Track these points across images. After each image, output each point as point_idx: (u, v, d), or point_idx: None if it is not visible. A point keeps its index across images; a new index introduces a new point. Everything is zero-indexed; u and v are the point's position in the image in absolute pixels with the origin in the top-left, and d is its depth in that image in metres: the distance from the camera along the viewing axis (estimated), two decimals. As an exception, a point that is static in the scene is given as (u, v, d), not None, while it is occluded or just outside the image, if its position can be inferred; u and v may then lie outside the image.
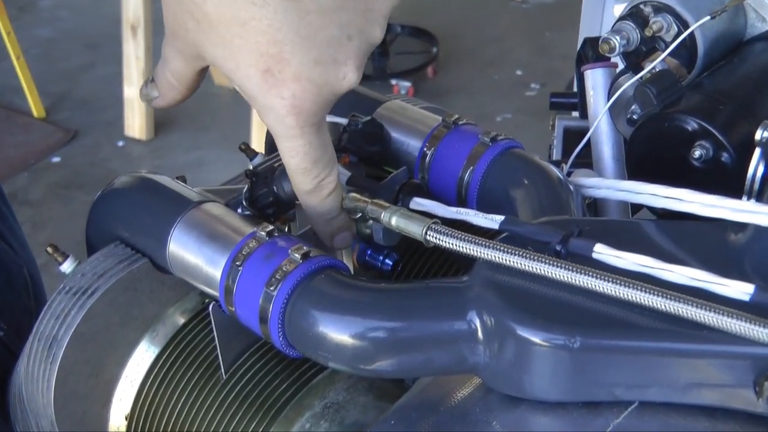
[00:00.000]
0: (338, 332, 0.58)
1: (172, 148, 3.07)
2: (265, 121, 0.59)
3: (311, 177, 0.62)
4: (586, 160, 0.83)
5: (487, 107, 3.23)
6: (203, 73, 0.63)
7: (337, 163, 0.64)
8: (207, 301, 0.71)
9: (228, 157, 2.90)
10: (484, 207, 0.69)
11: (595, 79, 0.83)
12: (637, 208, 0.80)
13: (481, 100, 3.29)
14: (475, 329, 0.56)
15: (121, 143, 3.10)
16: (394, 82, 3.33)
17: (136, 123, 3.10)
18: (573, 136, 1.06)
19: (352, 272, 0.67)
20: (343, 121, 0.72)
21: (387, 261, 0.69)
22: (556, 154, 1.06)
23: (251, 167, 0.72)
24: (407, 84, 3.31)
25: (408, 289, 0.60)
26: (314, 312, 0.58)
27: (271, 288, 0.59)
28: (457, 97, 3.32)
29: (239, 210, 0.69)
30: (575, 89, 0.98)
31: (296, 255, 0.60)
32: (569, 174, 0.75)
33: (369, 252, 0.70)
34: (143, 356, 0.70)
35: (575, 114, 1.17)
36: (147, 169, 3.13)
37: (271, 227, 0.63)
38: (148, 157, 3.06)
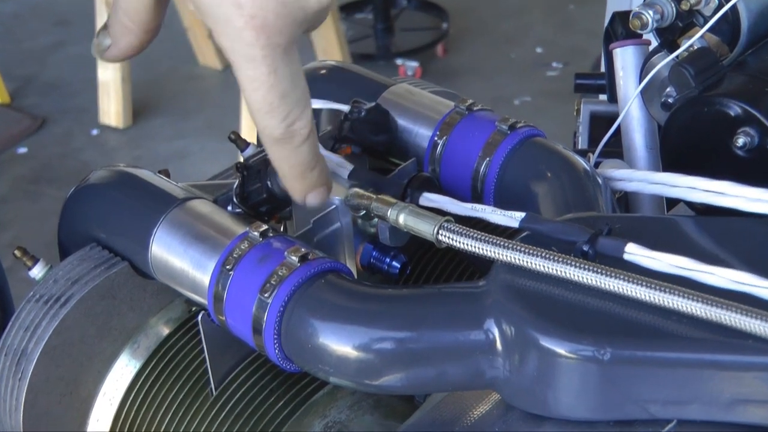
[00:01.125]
0: (341, 343, 0.58)
1: (152, 136, 3.07)
2: (219, 40, 0.55)
3: (279, 118, 0.57)
4: (616, 149, 0.83)
5: (504, 89, 3.23)
6: (160, 6, 0.59)
7: (310, 103, 0.59)
8: (194, 309, 0.71)
9: (214, 147, 2.90)
10: (503, 203, 0.69)
11: (626, 58, 0.83)
12: (672, 202, 0.80)
13: (497, 82, 3.28)
14: (494, 339, 0.56)
15: (95, 132, 3.10)
16: (399, 62, 3.32)
17: (111, 109, 3.10)
18: (601, 122, 1.06)
19: (355, 276, 0.67)
20: (344, 107, 0.73)
21: (394, 263, 0.69)
22: (582, 143, 1.06)
23: (242, 159, 0.72)
24: (414, 64, 3.31)
25: (418, 296, 0.60)
26: (314, 321, 0.59)
27: (266, 295, 0.60)
28: (469, 78, 3.32)
29: (229, 208, 0.69)
30: (602, 69, 0.98)
31: (293, 258, 0.60)
32: (597, 165, 0.75)
33: (374, 253, 0.70)
34: (123, 371, 0.70)
35: (603, 97, 1.17)
36: (124, 160, 3.13)
37: (265, 227, 0.63)
38: (125, 146, 3.06)
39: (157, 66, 3.27)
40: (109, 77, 3.08)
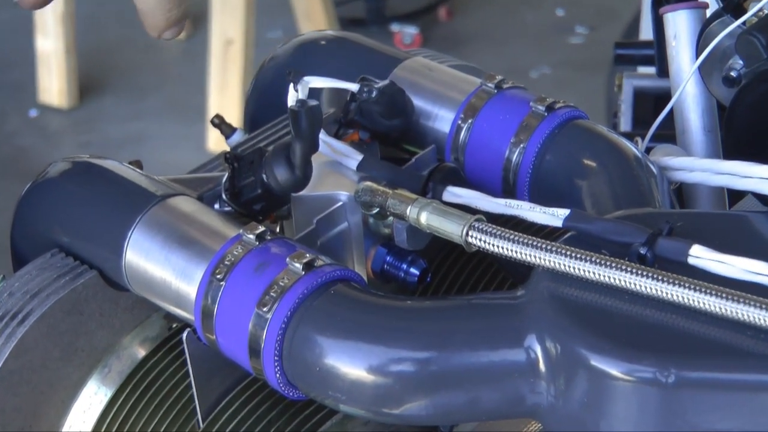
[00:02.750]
0: (355, 366, 0.58)
1: (102, 118, 3.06)
2: None
3: None
4: (667, 132, 0.83)
5: (519, 59, 3.23)
6: None
7: None
8: (176, 326, 0.71)
9: (176, 131, 2.90)
10: (540, 197, 0.69)
11: (679, 24, 0.83)
12: (736, 196, 0.81)
13: (511, 51, 3.28)
14: (535, 359, 0.56)
15: (33, 113, 3.10)
16: (395, 27, 3.32)
17: (53, 85, 3.09)
18: (646, 99, 1.06)
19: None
20: (351, 86, 0.73)
21: (412, 270, 0.70)
22: (625, 125, 1.07)
23: (230, 149, 0.72)
24: (413, 30, 3.30)
25: (445, 308, 0.60)
26: (323, 339, 0.59)
27: (265, 309, 0.60)
28: (478, 46, 3.32)
29: (216, 206, 0.69)
30: (642, 36, 0.99)
31: (297, 265, 0.60)
32: (648, 151, 0.75)
33: (389, 258, 0.70)
34: (92, 401, 0.70)
35: (642, 69, 1.18)
36: (69, 146, 3.12)
37: (261, 228, 0.63)
38: (70, 130, 3.05)
39: (107, 34, 3.26)
40: (49, 48, 3.07)
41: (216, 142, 2.77)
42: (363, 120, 0.73)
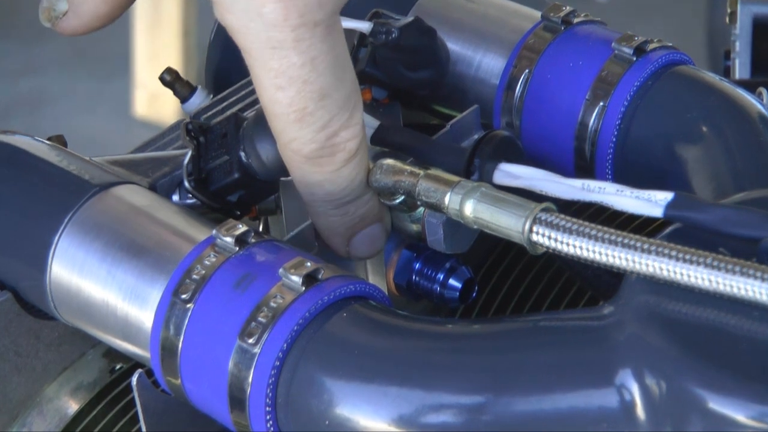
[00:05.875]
0: (378, 416, 0.59)
1: (-17, 72, 3.06)
2: (225, 18, 0.62)
3: (315, 127, 0.63)
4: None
5: (580, -24, 3.23)
6: None
7: (361, 105, 0.65)
8: (120, 367, 0.72)
9: (91, 88, 2.90)
10: (629, 176, 0.70)
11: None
12: None
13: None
14: (631, 402, 0.57)
15: None
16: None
17: None
18: (769, 33, 1.07)
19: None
20: (362, 24, 0.74)
21: (452, 283, 0.71)
22: (741, 70, 1.08)
23: (190, 117, 0.73)
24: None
25: (502, 335, 0.62)
26: (333, 382, 0.60)
27: (251, 340, 0.61)
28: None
29: (176, 197, 0.70)
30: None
31: (294, 277, 0.61)
32: (776, 107, 0.76)
33: (418, 265, 0.71)
34: (7, 472, 0.72)
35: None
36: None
37: (242, 227, 0.64)
38: (-65, 91, 3.05)
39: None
40: None
41: (147, 105, 2.77)
42: (378, 72, 0.74)
